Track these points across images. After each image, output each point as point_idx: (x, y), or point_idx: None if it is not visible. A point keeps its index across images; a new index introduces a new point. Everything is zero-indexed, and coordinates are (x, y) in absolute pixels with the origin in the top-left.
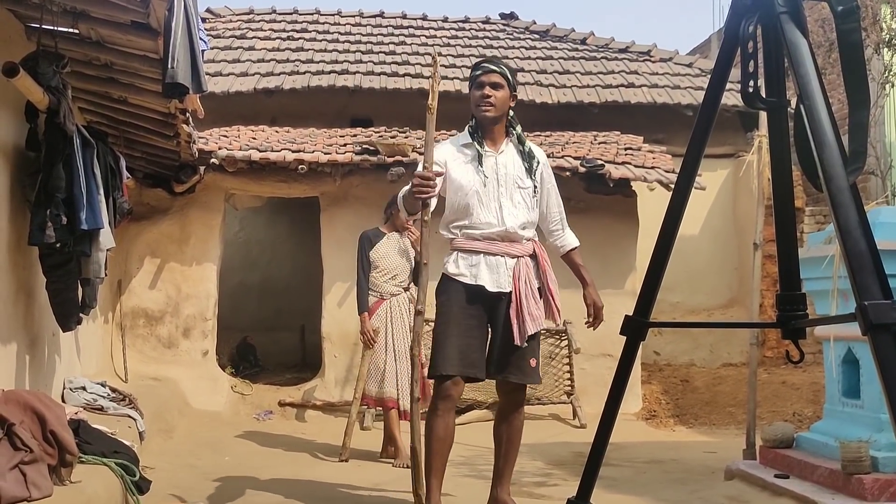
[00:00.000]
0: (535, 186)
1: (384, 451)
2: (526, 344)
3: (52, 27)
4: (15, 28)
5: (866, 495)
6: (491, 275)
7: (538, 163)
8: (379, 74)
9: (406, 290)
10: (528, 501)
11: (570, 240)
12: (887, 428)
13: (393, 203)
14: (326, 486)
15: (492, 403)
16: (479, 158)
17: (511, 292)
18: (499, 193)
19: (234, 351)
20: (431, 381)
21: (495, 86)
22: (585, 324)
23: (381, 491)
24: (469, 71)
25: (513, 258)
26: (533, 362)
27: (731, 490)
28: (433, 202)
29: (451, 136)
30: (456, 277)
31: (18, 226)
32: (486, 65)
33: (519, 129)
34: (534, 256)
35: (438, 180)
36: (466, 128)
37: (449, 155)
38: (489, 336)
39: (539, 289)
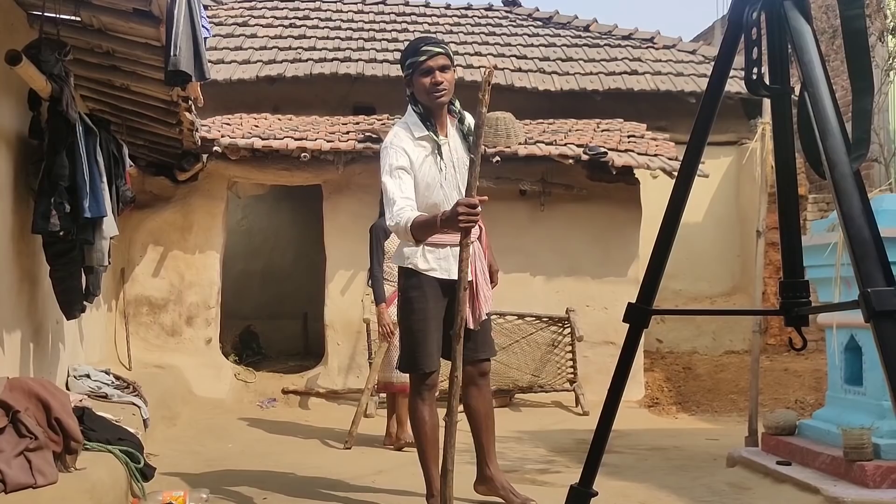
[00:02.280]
0: (473, 159)
1: (388, 437)
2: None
3: (54, 15)
4: (17, 16)
5: (868, 482)
6: (455, 265)
7: (471, 132)
8: (381, 62)
9: None
10: (531, 488)
11: None
12: (889, 415)
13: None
14: (330, 473)
15: (494, 391)
16: (440, 150)
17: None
18: (457, 181)
19: (238, 339)
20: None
21: (444, 69)
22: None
23: (384, 478)
24: (466, 58)
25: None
26: (491, 335)
27: (733, 477)
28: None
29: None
30: (427, 273)
31: (22, 214)
32: (429, 48)
33: (458, 104)
34: (479, 237)
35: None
36: (415, 117)
37: (412, 153)
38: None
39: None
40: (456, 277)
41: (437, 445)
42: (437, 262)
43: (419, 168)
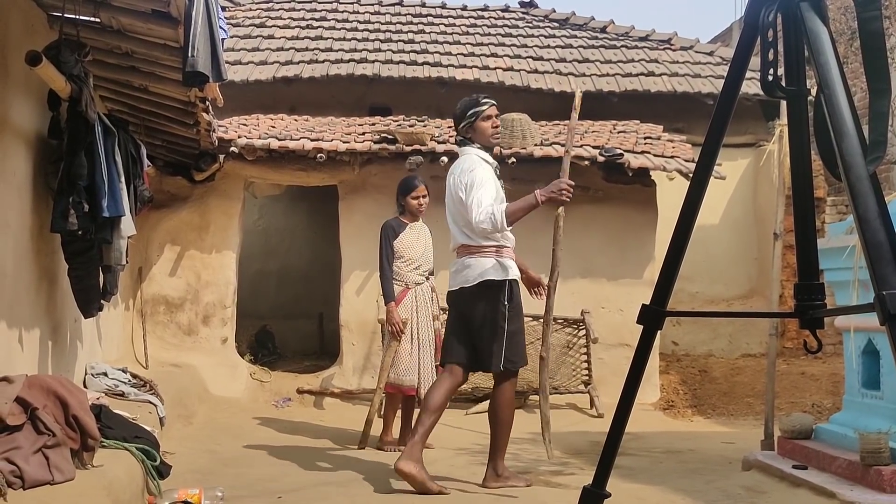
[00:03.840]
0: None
1: (402, 439)
2: None
3: (74, 16)
4: (38, 17)
5: (885, 486)
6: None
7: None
8: (398, 63)
9: (427, 279)
10: (545, 490)
11: None
12: None
13: (401, 193)
14: (344, 474)
15: None
16: (498, 175)
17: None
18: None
19: (253, 338)
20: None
21: (497, 117)
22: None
23: (398, 478)
24: (482, 59)
25: None
26: None
27: (748, 480)
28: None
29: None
30: (517, 279)
31: (41, 213)
32: (488, 100)
33: None
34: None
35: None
36: (481, 151)
37: (489, 173)
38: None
39: None
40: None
41: None
42: (514, 268)
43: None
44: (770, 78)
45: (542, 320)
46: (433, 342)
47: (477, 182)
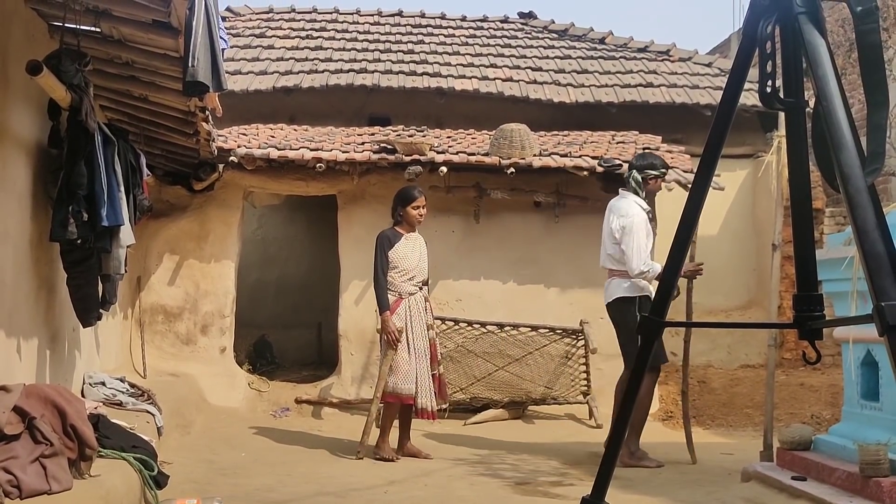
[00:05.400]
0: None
1: (401, 448)
2: None
3: (74, 26)
4: (39, 26)
5: (885, 498)
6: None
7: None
8: (397, 73)
9: (420, 289)
10: (545, 501)
11: None
12: None
13: (400, 204)
14: (342, 483)
15: (507, 402)
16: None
17: None
18: None
19: (252, 348)
20: (446, 381)
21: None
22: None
23: (396, 488)
24: (482, 70)
25: None
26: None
27: (747, 492)
28: None
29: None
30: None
31: (40, 222)
32: (665, 170)
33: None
34: None
35: None
36: (641, 200)
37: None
38: None
39: None
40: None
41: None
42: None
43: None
44: (768, 90)
45: (538, 330)
46: (428, 351)
47: (637, 229)
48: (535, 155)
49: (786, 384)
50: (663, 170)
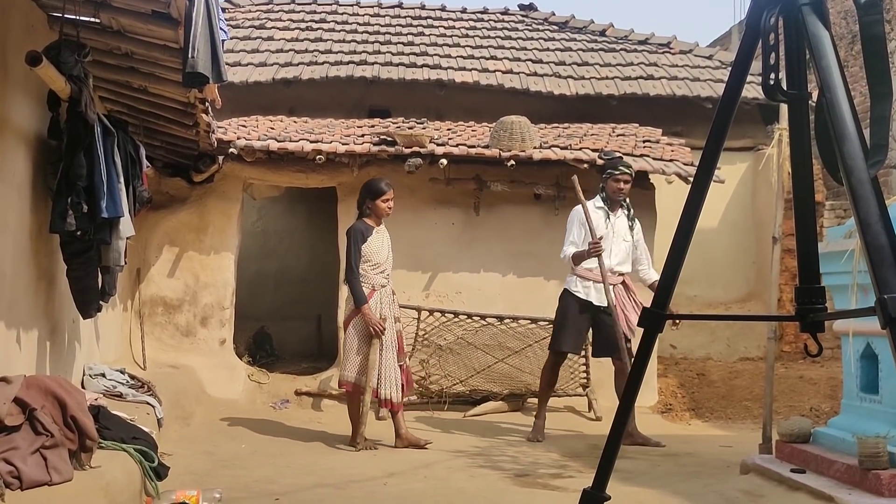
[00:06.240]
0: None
1: (399, 438)
2: None
3: (74, 17)
4: (38, 17)
5: (883, 491)
6: (596, 294)
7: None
8: (397, 65)
9: (389, 281)
10: (544, 493)
11: None
12: None
13: (370, 197)
14: (341, 475)
15: (507, 395)
16: (608, 217)
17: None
18: (612, 241)
19: (251, 340)
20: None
21: (626, 182)
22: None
23: (396, 480)
24: (482, 62)
25: None
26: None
27: (746, 484)
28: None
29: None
30: (575, 293)
31: (40, 214)
32: (623, 169)
33: (628, 202)
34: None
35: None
36: (599, 200)
37: (592, 214)
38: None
39: None
40: (595, 302)
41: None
42: (585, 289)
43: (596, 223)
44: (771, 81)
45: (538, 323)
46: (395, 343)
47: (573, 221)
48: (535, 147)
49: (785, 377)
50: (613, 171)
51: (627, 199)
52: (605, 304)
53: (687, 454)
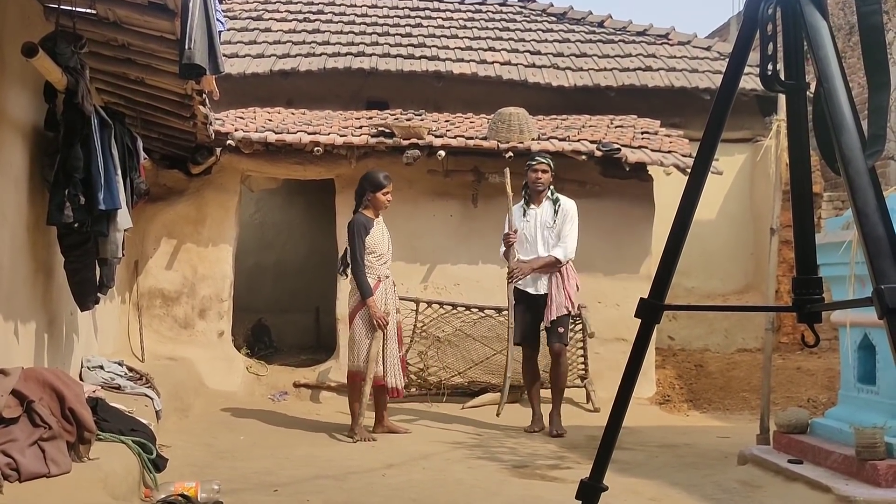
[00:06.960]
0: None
1: (378, 423)
2: None
3: (70, 8)
4: (34, 9)
5: (880, 481)
6: (532, 286)
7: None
8: (395, 57)
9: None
10: (542, 484)
11: None
12: None
13: (370, 189)
14: (340, 466)
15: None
16: (525, 212)
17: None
18: (535, 232)
19: (250, 332)
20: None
21: (544, 171)
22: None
23: (394, 471)
24: (480, 53)
25: None
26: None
27: (744, 475)
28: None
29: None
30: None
31: (37, 206)
32: (537, 159)
33: (552, 190)
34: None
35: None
36: (522, 196)
37: (516, 211)
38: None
39: None
40: (532, 291)
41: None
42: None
43: (516, 216)
44: (769, 72)
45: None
46: (396, 332)
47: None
48: (533, 139)
49: (782, 368)
50: (531, 161)
51: (552, 187)
52: (540, 293)
53: (685, 445)
